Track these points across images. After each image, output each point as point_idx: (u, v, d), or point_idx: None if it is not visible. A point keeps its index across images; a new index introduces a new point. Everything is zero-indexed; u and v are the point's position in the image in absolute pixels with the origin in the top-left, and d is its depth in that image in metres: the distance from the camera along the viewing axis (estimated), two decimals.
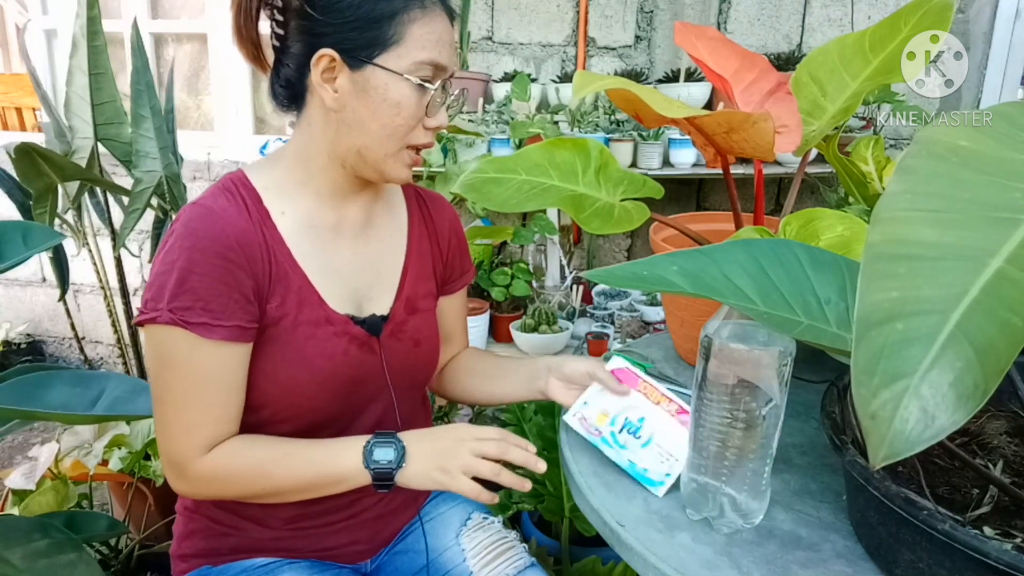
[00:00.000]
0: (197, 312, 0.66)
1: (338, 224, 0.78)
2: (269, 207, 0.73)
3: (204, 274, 0.66)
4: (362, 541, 0.83)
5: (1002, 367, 0.33)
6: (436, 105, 0.73)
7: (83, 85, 1.52)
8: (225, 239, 0.68)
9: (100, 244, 1.75)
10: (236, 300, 0.68)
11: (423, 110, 0.71)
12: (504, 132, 1.81)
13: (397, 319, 0.81)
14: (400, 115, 0.70)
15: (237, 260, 0.68)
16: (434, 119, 0.73)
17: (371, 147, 0.72)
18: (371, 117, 0.70)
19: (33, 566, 0.77)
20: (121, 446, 1.49)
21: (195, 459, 0.69)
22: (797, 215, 0.77)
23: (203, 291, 0.66)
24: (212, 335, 0.66)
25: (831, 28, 1.98)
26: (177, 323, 0.65)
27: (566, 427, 0.76)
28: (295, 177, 0.76)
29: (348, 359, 0.75)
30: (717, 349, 0.56)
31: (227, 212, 0.70)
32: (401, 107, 0.70)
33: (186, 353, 0.67)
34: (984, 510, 0.52)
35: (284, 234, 0.73)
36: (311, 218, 0.76)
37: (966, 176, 0.42)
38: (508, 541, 0.84)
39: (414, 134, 0.73)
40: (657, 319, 1.85)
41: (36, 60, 2.37)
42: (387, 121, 0.70)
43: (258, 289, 0.70)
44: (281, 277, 0.72)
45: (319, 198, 0.76)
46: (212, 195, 0.72)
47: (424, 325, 0.85)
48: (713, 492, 0.59)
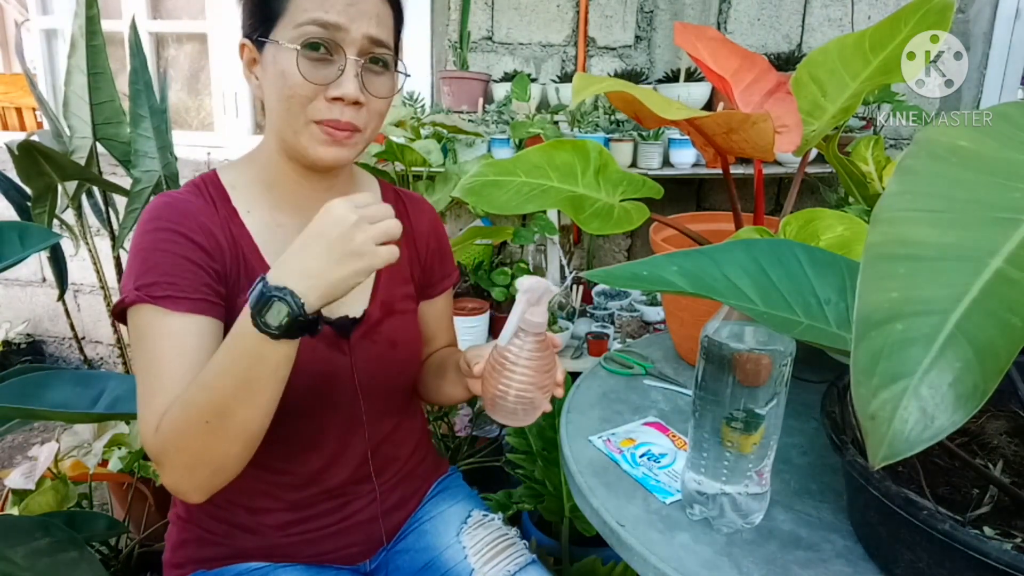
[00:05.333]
0: (162, 287, 0.65)
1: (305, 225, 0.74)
2: (236, 206, 0.74)
3: (167, 251, 0.66)
4: (357, 543, 0.83)
5: (1002, 367, 0.33)
6: (330, 70, 0.66)
7: (82, 85, 1.52)
8: (189, 223, 0.68)
9: (99, 244, 1.75)
10: (201, 278, 0.67)
11: (312, 77, 0.66)
12: (504, 132, 1.81)
13: (372, 320, 0.79)
14: (287, 84, 0.66)
15: (202, 244, 0.68)
16: (335, 87, 0.66)
17: (282, 128, 0.69)
18: (272, 94, 0.69)
19: (35, 565, 0.77)
20: (121, 446, 1.49)
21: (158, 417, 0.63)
22: (797, 215, 0.77)
23: (167, 266, 0.66)
24: (178, 307, 0.65)
25: (831, 28, 1.98)
26: (144, 300, 0.65)
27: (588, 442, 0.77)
28: (260, 178, 0.76)
29: (315, 356, 0.73)
30: (717, 349, 0.56)
31: (192, 203, 0.70)
32: (286, 75, 0.66)
33: (155, 328, 0.65)
34: (984, 510, 0.52)
35: (252, 231, 0.73)
36: (276, 218, 0.75)
37: (966, 176, 0.42)
38: (509, 538, 0.85)
39: (314, 106, 0.67)
40: (657, 319, 1.85)
41: (36, 60, 2.37)
42: (279, 94, 0.67)
43: (227, 279, 0.70)
44: (249, 273, 0.72)
45: (283, 204, 0.76)
46: (181, 190, 0.73)
47: (402, 326, 0.83)
48: (713, 492, 0.59)
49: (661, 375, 0.94)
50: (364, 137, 0.72)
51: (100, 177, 1.57)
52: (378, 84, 0.70)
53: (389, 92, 0.72)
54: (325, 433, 0.78)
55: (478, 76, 2.02)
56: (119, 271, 1.71)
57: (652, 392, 0.90)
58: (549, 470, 1.31)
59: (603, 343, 1.73)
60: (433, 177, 1.64)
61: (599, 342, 1.73)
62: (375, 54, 0.69)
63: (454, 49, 2.14)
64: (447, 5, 2.11)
